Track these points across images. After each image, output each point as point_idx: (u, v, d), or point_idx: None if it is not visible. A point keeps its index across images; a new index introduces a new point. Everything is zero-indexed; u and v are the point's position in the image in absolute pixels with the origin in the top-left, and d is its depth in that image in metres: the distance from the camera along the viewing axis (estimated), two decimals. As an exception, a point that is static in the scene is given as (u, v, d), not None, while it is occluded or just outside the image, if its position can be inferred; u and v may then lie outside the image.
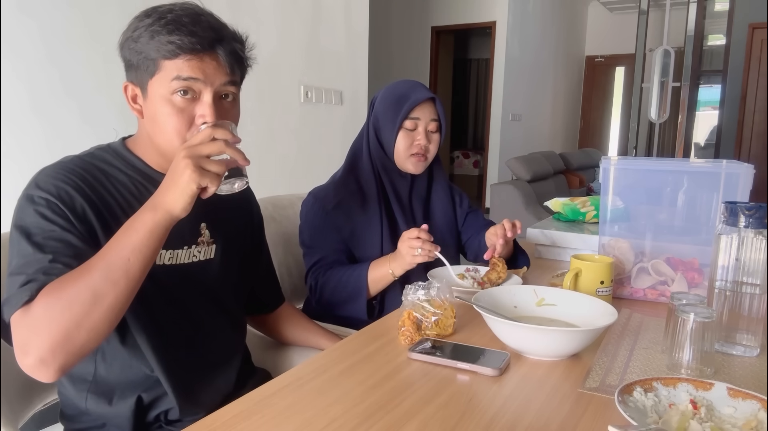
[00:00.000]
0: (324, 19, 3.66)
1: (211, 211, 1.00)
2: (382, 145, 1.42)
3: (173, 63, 0.84)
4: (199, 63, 0.85)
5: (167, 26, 0.84)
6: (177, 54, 0.84)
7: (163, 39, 0.84)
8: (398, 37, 7.04)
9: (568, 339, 0.86)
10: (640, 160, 1.36)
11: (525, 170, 4.61)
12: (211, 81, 0.86)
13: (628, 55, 7.04)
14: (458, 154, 8.69)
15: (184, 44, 0.83)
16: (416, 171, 1.43)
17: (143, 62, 0.85)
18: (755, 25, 6.60)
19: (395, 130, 1.39)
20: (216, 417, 0.70)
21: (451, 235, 1.53)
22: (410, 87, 1.42)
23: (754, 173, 1.10)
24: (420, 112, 1.39)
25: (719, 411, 0.70)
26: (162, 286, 0.91)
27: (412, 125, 1.39)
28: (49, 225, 0.79)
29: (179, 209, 0.76)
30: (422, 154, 1.40)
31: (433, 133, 1.42)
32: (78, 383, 0.92)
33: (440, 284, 0.99)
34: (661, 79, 6.05)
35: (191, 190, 0.75)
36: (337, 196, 1.38)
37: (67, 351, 0.72)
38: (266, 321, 1.25)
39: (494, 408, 0.73)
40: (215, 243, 1.00)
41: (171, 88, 0.85)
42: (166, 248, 0.92)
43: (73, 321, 0.71)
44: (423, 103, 1.39)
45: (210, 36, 0.85)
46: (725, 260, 0.94)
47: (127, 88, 0.90)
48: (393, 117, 1.39)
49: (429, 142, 1.41)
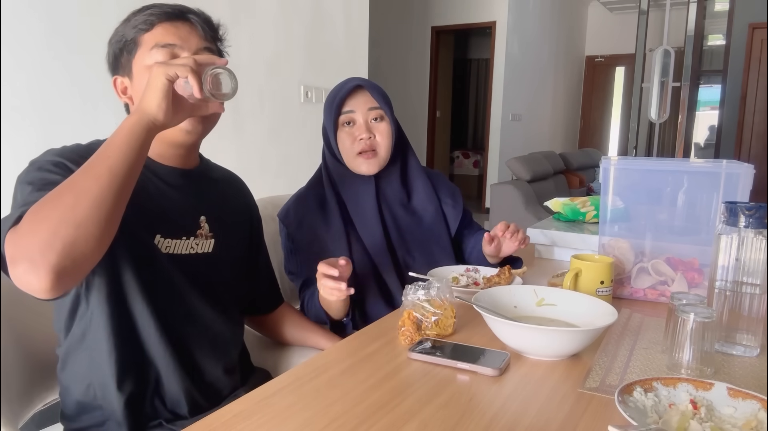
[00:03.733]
0: (324, 19, 3.66)
1: (212, 205, 1.02)
2: (333, 152, 1.33)
3: (150, 35, 0.91)
4: (174, 29, 0.92)
5: (142, 11, 0.93)
6: (152, 24, 0.91)
7: (138, 18, 0.92)
8: (398, 37, 7.04)
9: (568, 339, 0.86)
10: (640, 160, 1.36)
11: (525, 170, 4.62)
12: (188, 45, 0.93)
13: (628, 55, 7.04)
14: (458, 154, 8.70)
15: (155, 14, 0.92)
16: (369, 171, 1.29)
17: (125, 46, 0.93)
18: (755, 25, 6.60)
19: (334, 131, 1.29)
20: (216, 417, 0.70)
21: (442, 235, 1.39)
22: (341, 84, 1.31)
23: (754, 173, 1.10)
24: (353, 104, 1.27)
25: (719, 411, 0.70)
26: (160, 272, 0.92)
27: (348, 119, 1.28)
28: (52, 176, 0.81)
29: (154, 106, 0.77)
30: (369, 150, 1.27)
31: (377, 122, 1.28)
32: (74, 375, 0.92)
33: (440, 284, 0.99)
34: (661, 79, 6.05)
35: (162, 83, 0.77)
36: (297, 214, 1.31)
37: (56, 250, 0.67)
38: (265, 321, 1.25)
39: (494, 408, 0.73)
40: (214, 238, 1.01)
41: (152, 57, 0.90)
42: (165, 236, 0.93)
43: (58, 216, 0.69)
44: (354, 93, 1.27)
45: (180, 7, 0.94)
46: (725, 260, 0.94)
47: (116, 82, 0.96)
48: (329, 117, 1.30)
49: (374, 134, 1.28)
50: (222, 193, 1.07)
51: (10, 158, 2.06)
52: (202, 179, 1.04)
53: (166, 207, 0.95)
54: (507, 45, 6.59)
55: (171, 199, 0.96)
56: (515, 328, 0.88)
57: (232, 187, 1.14)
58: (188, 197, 0.99)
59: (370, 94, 1.29)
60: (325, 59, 3.70)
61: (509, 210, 4.21)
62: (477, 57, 9.01)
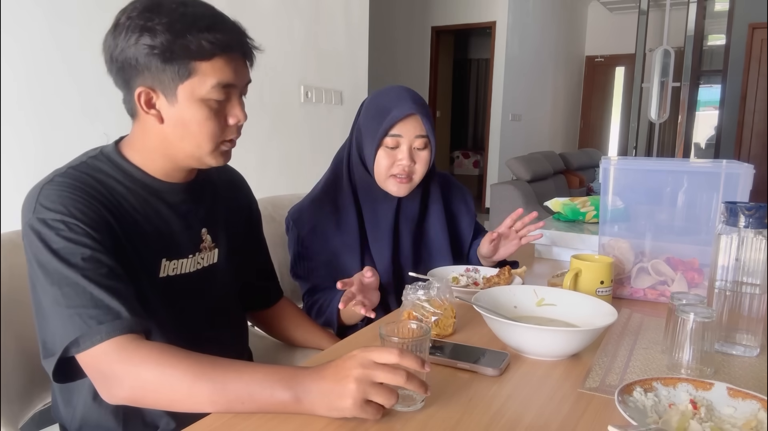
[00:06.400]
0: (324, 19, 3.66)
1: (211, 214, 0.99)
2: (363, 162, 1.28)
3: (210, 66, 0.81)
4: (233, 64, 0.83)
5: (194, 24, 0.79)
6: (213, 54, 0.81)
7: (192, 38, 0.79)
8: (398, 37, 7.04)
9: (568, 339, 0.86)
10: (640, 160, 1.36)
11: (525, 170, 4.61)
12: (241, 84, 0.87)
13: (628, 55, 7.04)
14: (458, 154, 8.70)
15: (217, 44, 0.80)
16: (398, 193, 1.27)
17: (170, 65, 0.80)
18: (755, 25, 6.60)
19: (375, 148, 1.24)
20: (216, 416, 0.69)
21: (447, 261, 1.38)
22: (393, 98, 1.25)
23: (754, 173, 1.10)
24: (402, 128, 1.22)
25: (719, 411, 0.70)
26: (167, 297, 0.90)
27: (394, 143, 1.23)
28: (77, 248, 0.76)
29: (339, 414, 0.68)
30: (405, 175, 1.24)
31: (419, 150, 1.25)
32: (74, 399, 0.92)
33: (440, 284, 0.99)
34: (661, 79, 6.05)
35: (341, 415, 0.67)
36: (311, 219, 1.27)
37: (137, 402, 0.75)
38: (266, 317, 1.23)
39: (494, 408, 0.73)
40: (217, 247, 0.99)
41: (212, 94, 0.82)
42: (170, 258, 0.90)
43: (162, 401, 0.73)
44: (407, 117, 1.22)
45: (240, 38, 0.85)
46: (725, 260, 0.94)
47: (141, 94, 0.83)
48: (373, 132, 1.24)
49: (414, 162, 1.25)
50: (220, 196, 1.04)
51: (10, 157, 2.06)
52: (202, 187, 0.99)
53: (170, 230, 0.91)
54: (507, 45, 6.59)
55: (174, 221, 0.92)
56: (515, 328, 0.88)
57: (229, 185, 1.10)
58: (189, 213, 0.95)
59: (420, 120, 1.24)
60: (325, 59, 3.69)
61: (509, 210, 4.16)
62: (477, 57, 9.01)
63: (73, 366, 0.76)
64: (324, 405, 0.67)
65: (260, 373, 0.70)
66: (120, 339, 0.73)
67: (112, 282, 0.76)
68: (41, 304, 0.76)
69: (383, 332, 0.74)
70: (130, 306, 0.75)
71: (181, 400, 0.71)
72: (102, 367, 0.73)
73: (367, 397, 0.66)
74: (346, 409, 0.66)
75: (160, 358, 0.72)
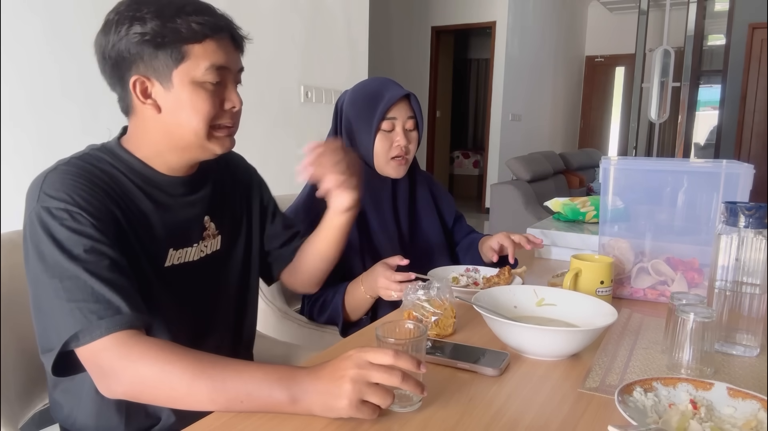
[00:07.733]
0: (324, 18, 3.66)
1: (213, 200, 0.99)
2: (357, 151, 1.33)
3: (202, 48, 0.83)
4: (224, 47, 0.85)
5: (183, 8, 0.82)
6: (204, 36, 0.82)
7: (182, 21, 0.81)
8: (398, 37, 7.04)
9: (568, 339, 0.86)
10: (640, 160, 1.36)
11: (525, 170, 4.61)
12: (234, 68, 0.88)
13: (628, 55, 7.04)
14: (458, 154, 8.70)
15: (206, 24, 0.82)
16: (398, 175, 1.36)
17: (162, 50, 0.81)
18: (755, 25, 6.60)
19: (372, 133, 1.31)
20: (216, 416, 0.69)
21: (441, 240, 1.46)
22: (382, 84, 1.34)
23: (754, 173, 1.10)
24: (396, 111, 1.32)
25: (719, 411, 0.70)
26: (171, 286, 0.90)
27: (390, 126, 1.32)
28: (80, 239, 0.76)
29: (335, 414, 0.68)
30: (403, 155, 1.34)
31: (410, 131, 1.35)
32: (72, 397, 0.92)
33: (440, 284, 0.99)
34: (661, 79, 6.06)
35: (337, 415, 0.67)
36: (306, 219, 1.25)
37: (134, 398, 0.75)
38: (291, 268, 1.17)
39: (494, 408, 0.73)
40: (220, 234, 1.00)
41: (206, 76, 0.84)
42: (177, 248, 0.91)
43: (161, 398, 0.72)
44: (398, 101, 1.32)
45: (227, 22, 0.87)
46: (725, 260, 0.94)
47: (135, 84, 0.83)
48: (368, 119, 1.31)
49: (408, 142, 1.34)
50: (220, 181, 1.03)
51: (10, 157, 2.06)
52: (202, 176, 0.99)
53: (175, 219, 0.91)
54: (507, 45, 6.59)
55: (177, 211, 0.92)
56: (515, 328, 0.88)
57: (227, 165, 1.07)
58: (192, 202, 0.95)
59: (410, 102, 1.34)
60: (325, 59, 3.69)
61: (509, 210, 4.21)
62: (477, 57, 9.01)
63: (73, 360, 0.76)
64: (320, 405, 0.67)
65: (260, 373, 0.70)
66: (120, 335, 0.73)
67: (113, 275, 0.76)
68: (40, 296, 0.75)
69: (380, 333, 0.74)
70: (130, 301, 0.75)
71: (181, 397, 0.71)
72: (101, 362, 0.73)
73: (363, 397, 0.66)
74: (341, 409, 0.66)
75: (160, 355, 0.72)
